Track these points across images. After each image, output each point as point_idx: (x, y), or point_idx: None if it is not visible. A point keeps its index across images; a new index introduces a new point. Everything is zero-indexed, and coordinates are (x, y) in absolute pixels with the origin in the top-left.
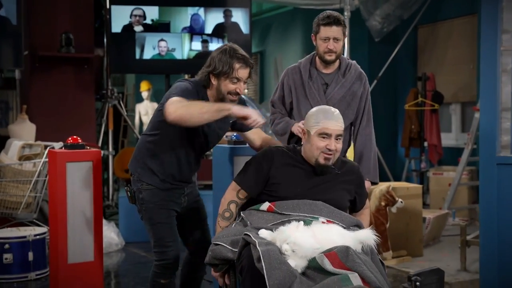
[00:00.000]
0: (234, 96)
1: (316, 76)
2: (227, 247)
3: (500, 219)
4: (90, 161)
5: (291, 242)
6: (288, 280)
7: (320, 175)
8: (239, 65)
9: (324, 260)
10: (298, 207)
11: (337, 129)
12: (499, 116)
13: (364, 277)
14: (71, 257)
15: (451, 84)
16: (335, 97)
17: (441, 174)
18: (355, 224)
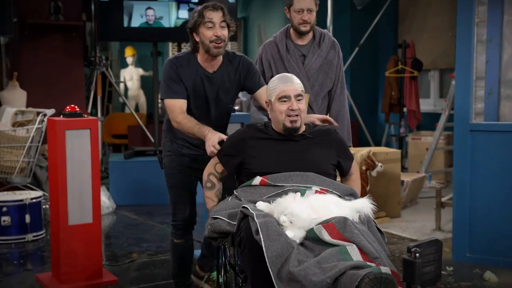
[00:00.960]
0: (217, 43)
1: (293, 48)
2: (225, 220)
3: (472, 182)
4: (88, 128)
5: (289, 213)
6: (286, 251)
7: (294, 141)
8: (207, 9)
9: (322, 231)
10: (290, 178)
11: (294, 89)
12: (473, 84)
13: (362, 247)
14: (71, 219)
15: (430, 51)
16: (313, 67)
17: (419, 139)
18: (350, 193)
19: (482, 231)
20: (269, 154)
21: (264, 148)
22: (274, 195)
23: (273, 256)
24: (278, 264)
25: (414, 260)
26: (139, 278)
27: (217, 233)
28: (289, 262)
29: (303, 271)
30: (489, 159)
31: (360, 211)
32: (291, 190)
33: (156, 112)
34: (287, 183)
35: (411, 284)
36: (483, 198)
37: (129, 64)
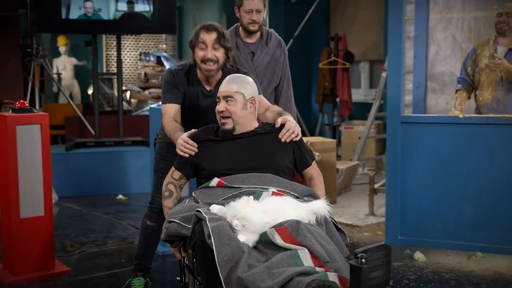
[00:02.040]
0: (207, 64)
1: (242, 46)
2: (181, 223)
3: (403, 171)
4: (39, 123)
5: (241, 217)
6: (236, 255)
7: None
8: (202, 30)
9: (274, 235)
10: (247, 179)
11: (223, 91)
12: (403, 79)
13: (313, 251)
14: (22, 212)
15: (360, 43)
16: (261, 64)
17: (352, 128)
18: (308, 194)
19: (412, 215)
20: (221, 154)
21: (216, 149)
22: (230, 197)
23: (224, 261)
24: (227, 268)
25: (360, 266)
26: (91, 268)
27: (173, 237)
28: (238, 267)
29: (251, 276)
30: (419, 148)
31: (317, 213)
32: (248, 192)
33: (96, 103)
34: (244, 185)
35: None
36: (413, 185)
37: (62, 54)
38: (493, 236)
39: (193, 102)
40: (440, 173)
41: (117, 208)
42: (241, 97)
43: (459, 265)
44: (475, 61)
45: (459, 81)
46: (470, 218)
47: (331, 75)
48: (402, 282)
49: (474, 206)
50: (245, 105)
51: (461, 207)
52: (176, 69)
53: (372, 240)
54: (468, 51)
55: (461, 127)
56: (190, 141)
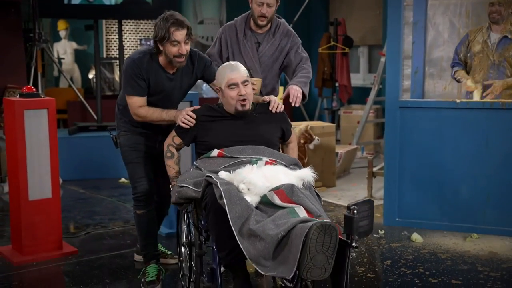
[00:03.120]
0: (179, 58)
1: (250, 35)
2: (191, 187)
3: (401, 154)
4: (46, 108)
5: (247, 182)
6: (246, 212)
7: (243, 119)
8: (174, 28)
9: (273, 196)
10: (244, 150)
11: (240, 76)
12: (402, 64)
13: (307, 208)
14: (31, 194)
15: (359, 28)
16: (266, 54)
17: (351, 113)
18: (294, 163)
19: (409, 198)
20: (223, 130)
21: (218, 125)
22: (230, 165)
23: (235, 217)
24: (239, 224)
25: (352, 216)
26: (98, 249)
27: (183, 199)
28: (249, 221)
29: (261, 227)
30: (416, 132)
31: (304, 179)
32: (245, 161)
33: (99, 87)
34: (241, 155)
35: (350, 235)
36: (410, 168)
37: (62, 38)
38: (488, 218)
39: (158, 88)
40: (437, 156)
41: (120, 191)
42: (249, 80)
43: (455, 245)
44: (468, 46)
45: (454, 64)
46: (466, 201)
47: (330, 60)
48: (400, 262)
49: (470, 189)
50: (251, 86)
51: (457, 190)
52: (138, 57)
53: None
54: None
55: (458, 111)
56: (191, 114)
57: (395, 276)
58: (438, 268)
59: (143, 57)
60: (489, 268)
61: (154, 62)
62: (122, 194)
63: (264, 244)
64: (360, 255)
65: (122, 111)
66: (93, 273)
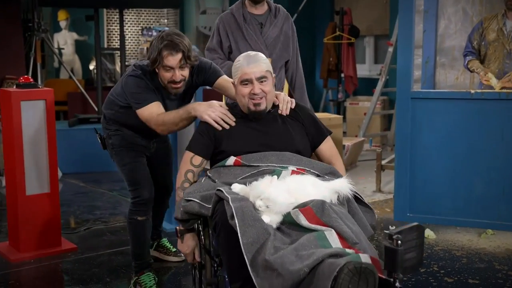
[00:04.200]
0: (175, 84)
1: (250, 18)
2: (200, 202)
3: (412, 146)
4: (43, 99)
5: (265, 198)
6: (262, 237)
7: (262, 119)
8: (166, 52)
9: (299, 215)
10: (266, 158)
11: (255, 72)
12: (413, 54)
13: (341, 232)
14: (28, 189)
15: (365, 17)
16: (271, 36)
17: (357, 104)
18: (329, 172)
19: (421, 192)
20: (238, 133)
21: (234, 128)
22: (249, 176)
23: (249, 243)
24: (253, 251)
25: (396, 247)
26: (98, 245)
27: (190, 215)
28: (265, 249)
29: (279, 259)
30: (428, 124)
31: (339, 192)
32: (266, 171)
33: (99, 79)
34: (262, 163)
35: (392, 272)
36: (422, 161)
37: (63, 28)
38: (503, 213)
39: (160, 101)
40: (450, 149)
41: (121, 185)
42: (271, 76)
43: (470, 242)
44: (482, 34)
45: (467, 53)
46: (480, 195)
47: (335, 50)
48: None
49: (484, 183)
50: (273, 83)
51: (471, 184)
52: (140, 74)
53: (380, 217)
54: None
55: (472, 102)
56: (229, 113)
57: (408, 275)
58: (454, 266)
59: (145, 73)
60: (507, 266)
61: (155, 80)
62: (123, 188)
63: (282, 282)
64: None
65: (113, 115)
66: (93, 271)
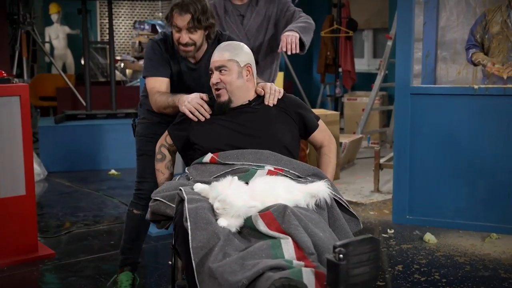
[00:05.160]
0: (183, 47)
1: (231, 9)
2: (166, 203)
3: (412, 145)
4: (18, 95)
5: (222, 200)
6: (211, 242)
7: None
8: (175, 11)
9: (258, 220)
10: (242, 156)
11: (214, 61)
12: (413, 47)
13: (298, 241)
14: (2, 191)
15: (364, 11)
16: (253, 27)
17: (355, 100)
18: (313, 173)
19: (421, 193)
20: (214, 129)
21: (210, 123)
22: (223, 175)
23: (198, 247)
24: (200, 256)
25: (338, 262)
26: (77, 250)
27: (158, 216)
28: (211, 255)
29: (221, 268)
30: (429, 122)
31: (316, 196)
32: (241, 169)
33: (87, 73)
34: (238, 161)
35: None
36: (422, 161)
37: (54, 22)
38: (509, 216)
39: (180, 79)
40: (452, 147)
41: (109, 184)
42: (235, 65)
43: (473, 247)
44: (485, 27)
45: (470, 46)
46: (484, 196)
47: (333, 44)
48: (413, 267)
49: (488, 183)
50: (240, 73)
51: (474, 184)
52: (160, 39)
53: (377, 219)
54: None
55: (476, 98)
56: (206, 105)
57: (408, 284)
58: (456, 274)
59: (165, 40)
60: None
61: (174, 48)
62: (110, 187)
63: None
64: None
65: (143, 100)
66: (70, 280)
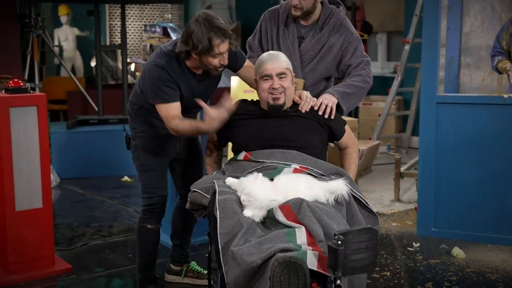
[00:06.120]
0: (220, 69)
1: (292, 26)
2: (202, 194)
3: (438, 155)
4: (35, 105)
5: (247, 193)
6: (236, 229)
7: (279, 117)
8: (218, 40)
9: (277, 212)
10: (272, 155)
11: (275, 68)
12: (439, 54)
13: (310, 230)
14: (18, 204)
15: (378, 13)
16: (309, 53)
17: (370, 105)
18: (336, 172)
19: (447, 205)
20: (253, 129)
21: (248, 124)
22: (254, 171)
23: (224, 233)
24: (225, 240)
25: (336, 247)
26: (94, 264)
27: (195, 205)
28: (233, 240)
29: (240, 250)
30: (456, 131)
31: (335, 192)
32: (270, 167)
33: (100, 78)
34: (268, 160)
35: (334, 270)
36: (449, 171)
37: (64, 24)
38: None
39: (188, 92)
40: (480, 157)
41: (122, 192)
42: (290, 73)
43: (504, 263)
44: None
45: (496, 53)
46: None
47: None
48: (443, 285)
49: None
50: (291, 81)
51: (503, 196)
52: (166, 62)
53: (401, 231)
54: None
55: (505, 108)
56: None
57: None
58: None
59: (170, 61)
60: None
61: (182, 66)
62: (124, 195)
63: (239, 270)
64: (396, 275)
65: (138, 111)
66: None
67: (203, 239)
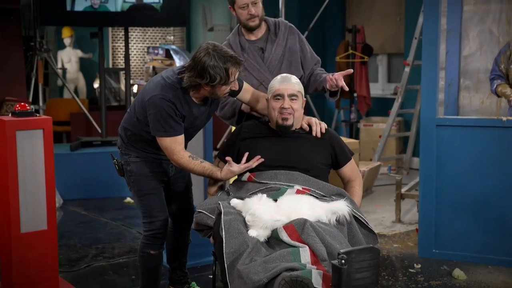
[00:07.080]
0: (227, 95)
1: (248, 46)
2: (207, 214)
3: (438, 176)
4: (41, 129)
5: (251, 213)
6: (242, 248)
7: (286, 138)
8: (234, 69)
9: (282, 232)
10: (275, 176)
11: (287, 89)
12: (439, 77)
13: (314, 249)
14: (24, 226)
15: (378, 35)
16: (274, 59)
17: (371, 126)
18: (337, 193)
19: (448, 227)
20: (260, 150)
21: (258, 144)
22: (258, 191)
23: (230, 253)
24: (231, 259)
25: (340, 266)
26: (98, 286)
27: (202, 226)
28: (240, 259)
29: (247, 269)
30: (456, 153)
31: (337, 212)
32: (273, 188)
33: (103, 101)
34: (271, 181)
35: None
36: (449, 193)
37: (67, 46)
38: None
39: (189, 120)
40: (480, 180)
41: (125, 213)
42: (301, 96)
43: (506, 285)
44: (510, 58)
45: (495, 76)
46: None
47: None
48: None
49: None
50: (302, 104)
51: (503, 217)
52: (173, 95)
53: (402, 252)
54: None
55: (504, 130)
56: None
57: None
58: None
59: (176, 94)
60: None
61: (186, 97)
62: (127, 216)
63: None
64: None
65: (131, 137)
66: None
67: (206, 261)
